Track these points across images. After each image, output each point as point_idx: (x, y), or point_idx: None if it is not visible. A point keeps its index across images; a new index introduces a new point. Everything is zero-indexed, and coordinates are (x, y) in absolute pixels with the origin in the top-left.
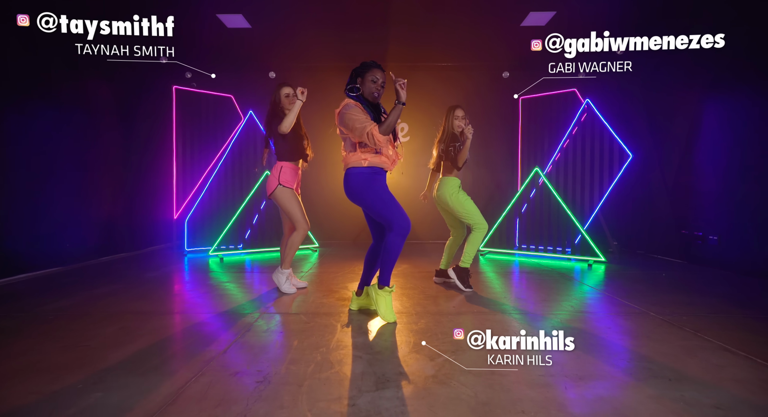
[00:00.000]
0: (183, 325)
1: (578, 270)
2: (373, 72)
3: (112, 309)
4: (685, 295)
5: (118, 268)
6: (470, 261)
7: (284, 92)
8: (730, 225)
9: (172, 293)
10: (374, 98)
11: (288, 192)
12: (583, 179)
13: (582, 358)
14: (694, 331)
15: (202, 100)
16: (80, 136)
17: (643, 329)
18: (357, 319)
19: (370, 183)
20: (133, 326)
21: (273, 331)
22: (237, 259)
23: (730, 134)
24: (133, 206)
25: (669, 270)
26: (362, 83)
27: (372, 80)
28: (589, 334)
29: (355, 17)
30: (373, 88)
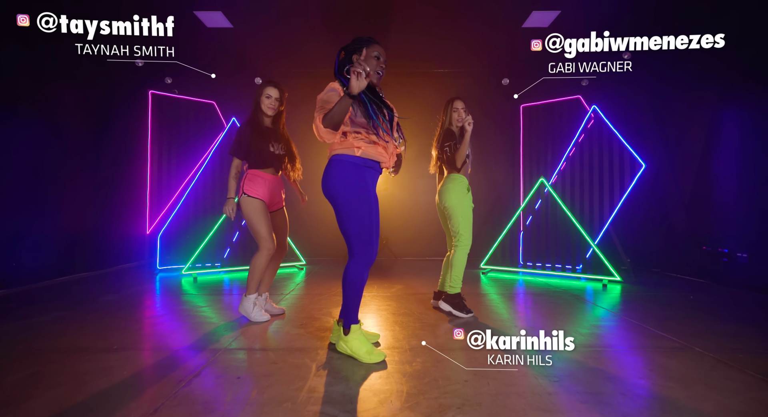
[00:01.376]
0: (113, 367)
1: (591, 290)
2: (375, 47)
3: (33, 345)
4: (727, 324)
5: (74, 290)
6: (459, 284)
7: (266, 92)
8: (761, 241)
9: (121, 321)
10: (377, 78)
11: (253, 203)
12: (591, 190)
13: (616, 411)
14: (763, 376)
15: (181, 106)
16: (39, 142)
17: (693, 373)
18: (337, 357)
19: (357, 179)
20: (49, 371)
21: (227, 378)
22: (213, 278)
23: (754, 141)
24: (101, 220)
25: (693, 291)
26: (364, 60)
27: (376, 56)
28: (622, 378)
29: (349, 22)
30: (376, 65)
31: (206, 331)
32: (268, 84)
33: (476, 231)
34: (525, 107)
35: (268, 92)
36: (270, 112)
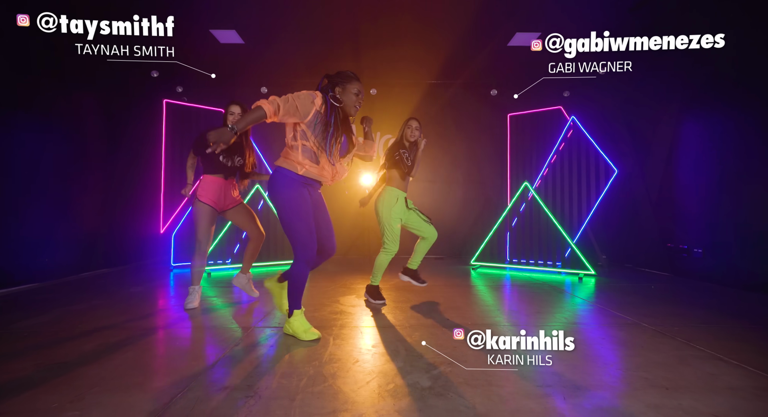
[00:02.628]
0: (167, 341)
1: (569, 283)
2: (356, 84)
3: (90, 325)
4: (675, 307)
5: (99, 284)
6: (378, 279)
7: (230, 110)
8: (713, 238)
9: (156, 308)
10: (354, 111)
11: (201, 208)
12: (571, 194)
13: (578, 368)
14: (686, 341)
15: (193, 113)
16: (63, 148)
17: (636, 339)
18: (346, 332)
19: (296, 193)
20: (113, 342)
21: (263, 346)
22: (225, 274)
23: (709, 149)
24: (118, 220)
25: (657, 282)
26: (342, 93)
27: (356, 93)
28: (583, 344)
29: (343, 37)
30: (355, 101)
31: (234, 314)
32: (232, 102)
33: (467, 230)
34: (512, 116)
35: (231, 109)
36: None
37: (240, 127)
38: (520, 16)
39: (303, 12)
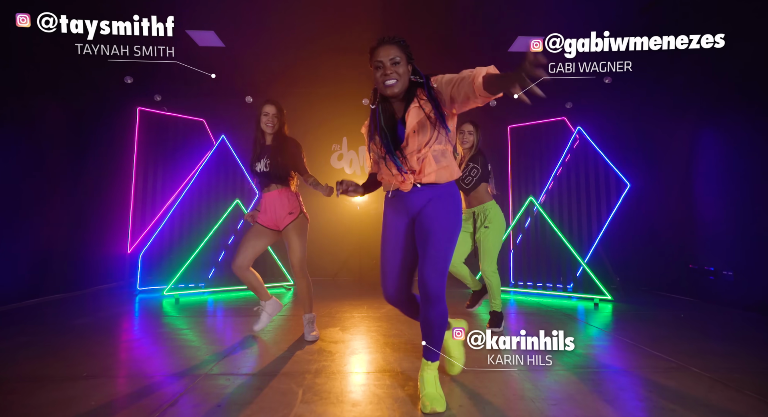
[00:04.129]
0: (80, 397)
1: (582, 309)
2: (373, 55)
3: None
4: (720, 343)
5: (44, 313)
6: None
7: (264, 110)
8: (746, 259)
9: (94, 346)
10: (383, 89)
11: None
12: (579, 209)
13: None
14: (760, 397)
15: (170, 123)
16: (15, 157)
17: (694, 394)
18: (324, 382)
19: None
20: (6, 402)
21: (207, 406)
22: (196, 299)
23: (730, 161)
24: (79, 238)
25: (682, 309)
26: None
27: (376, 66)
28: (623, 400)
29: (337, 42)
30: (377, 76)
31: (186, 355)
32: (266, 102)
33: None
34: (512, 128)
35: (266, 110)
36: (268, 130)
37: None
38: (521, 20)
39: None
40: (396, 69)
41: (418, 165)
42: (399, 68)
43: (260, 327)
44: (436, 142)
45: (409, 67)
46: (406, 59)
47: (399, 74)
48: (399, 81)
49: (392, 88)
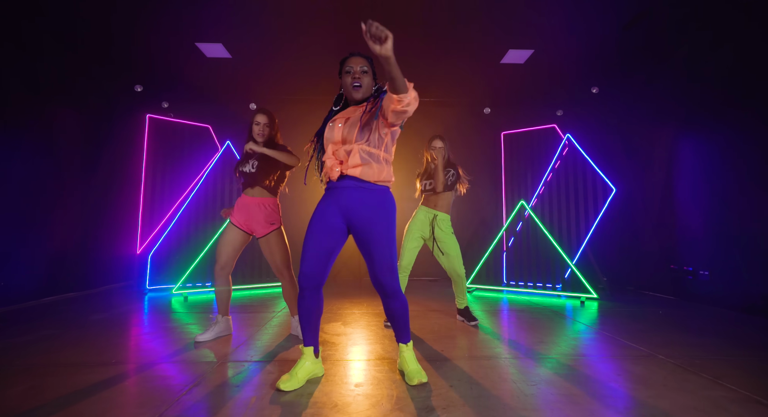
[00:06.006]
0: (116, 379)
1: (570, 307)
2: (346, 62)
3: (28, 361)
4: (690, 335)
5: (61, 310)
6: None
7: (255, 119)
8: (720, 260)
9: (113, 338)
10: (351, 95)
11: (225, 227)
12: (568, 213)
13: (594, 414)
14: (713, 379)
15: (177, 129)
16: (31, 161)
17: (655, 376)
18: (331, 365)
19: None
20: (47, 384)
21: (227, 386)
22: (204, 297)
23: (707, 167)
24: (91, 239)
25: (663, 307)
26: (342, 84)
27: (346, 71)
28: (594, 382)
29: (336, 52)
30: (350, 81)
31: (197, 347)
32: (258, 111)
33: (462, 251)
34: (506, 135)
35: (257, 119)
36: (259, 139)
37: None
38: (513, 33)
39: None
40: (363, 77)
41: (345, 156)
42: (365, 78)
43: (204, 339)
44: (367, 143)
45: (373, 83)
46: (371, 74)
47: (364, 83)
48: (364, 87)
49: (357, 91)
